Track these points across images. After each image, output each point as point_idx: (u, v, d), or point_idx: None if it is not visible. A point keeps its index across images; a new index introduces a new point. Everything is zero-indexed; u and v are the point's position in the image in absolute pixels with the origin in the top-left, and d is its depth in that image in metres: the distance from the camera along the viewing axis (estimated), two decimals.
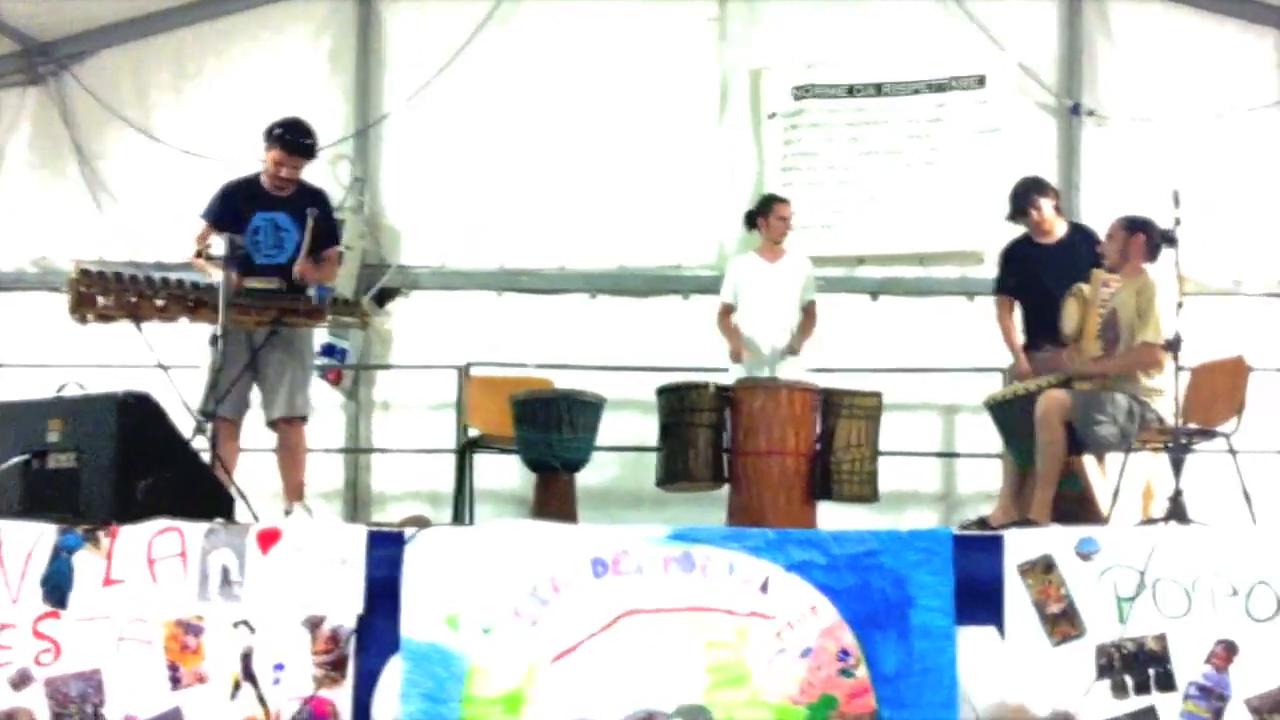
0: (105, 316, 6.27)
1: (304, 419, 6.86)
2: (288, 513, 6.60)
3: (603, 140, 9.03)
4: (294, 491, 6.78)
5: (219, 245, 6.31)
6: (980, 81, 8.87)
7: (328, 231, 6.94)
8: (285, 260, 6.74)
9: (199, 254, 6.54)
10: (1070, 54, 8.93)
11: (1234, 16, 8.75)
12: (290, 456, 6.81)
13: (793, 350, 7.64)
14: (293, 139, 6.75)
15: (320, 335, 8.31)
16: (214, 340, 6.30)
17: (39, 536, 5.37)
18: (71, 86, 9.33)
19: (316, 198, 6.95)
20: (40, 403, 5.98)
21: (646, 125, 9.04)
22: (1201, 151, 8.58)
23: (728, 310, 7.82)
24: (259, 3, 9.33)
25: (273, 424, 6.80)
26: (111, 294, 6.21)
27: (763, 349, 7.67)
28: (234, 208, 6.76)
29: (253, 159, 7.00)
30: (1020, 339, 7.29)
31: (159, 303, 6.33)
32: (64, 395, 5.92)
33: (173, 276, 6.46)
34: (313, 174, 8.63)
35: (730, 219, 8.51)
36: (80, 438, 5.73)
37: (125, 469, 5.63)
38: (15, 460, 5.80)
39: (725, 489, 7.32)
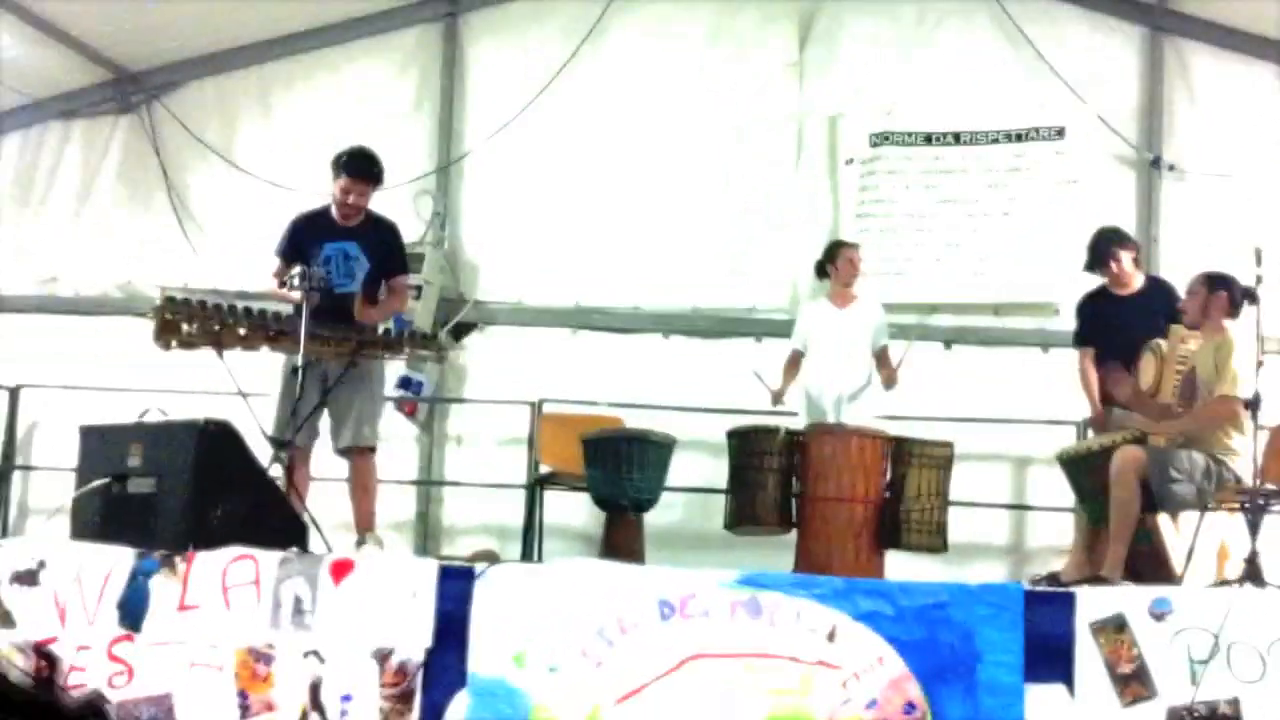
0: (188, 344, 6.36)
1: (372, 449, 6.91)
2: (359, 544, 6.65)
3: (680, 181, 9.09)
4: (364, 521, 6.83)
5: (298, 278, 6.40)
6: (1060, 133, 8.83)
7: (397, 261, 7.01)
8: (357, 288, 6.81)
9: (282, 284, 6.63)
10: (1150, 106, 8.89)
11: None
12: (360, 486, 6.88)
13: (888, 384, 7.60)
14: (359, 165, 6.86)
15: (397, 367, 8.41)
16: (294, 371, 6.40)
17: (117, 560, 5.46)
18: (161, 116, 9.51)
19: (385, 227, 7.03)
20: (122, 427, 6.08)
21: (724, 167, 9.09)
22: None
23: (797, 357, 7.83)
24: (346, 38, 9.49)
25: (342, 453, 6.87)
26: (195, 321, 6.30)
27: (828, 395, 7.65)
28: (304, 240, 6.86)
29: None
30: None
31: (241, 331, 6.41)
32: (145, 421, 6.02)
33: (255, 306, 6.55)
34: (394, 207, 8.80)
35: (804, 263, 8.52)
36: (160, 463, 5.82)
37: (203, 495, 5.71)
38: (96, 483, 5.90)
39: (793, 534, 7.31)
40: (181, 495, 5.74)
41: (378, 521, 6.94)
